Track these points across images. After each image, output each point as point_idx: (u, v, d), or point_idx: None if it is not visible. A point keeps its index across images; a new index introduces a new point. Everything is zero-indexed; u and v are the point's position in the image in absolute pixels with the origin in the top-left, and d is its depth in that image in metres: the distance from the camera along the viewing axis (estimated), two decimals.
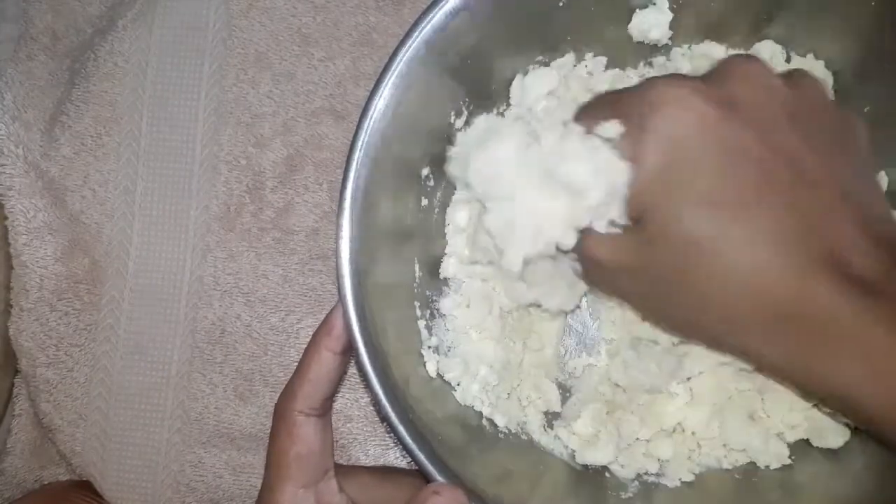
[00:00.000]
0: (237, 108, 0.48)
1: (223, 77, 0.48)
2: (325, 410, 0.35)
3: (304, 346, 0.45)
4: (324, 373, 0.34)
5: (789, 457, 0.39)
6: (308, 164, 0.47)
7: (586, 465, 0.40)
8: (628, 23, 0.39)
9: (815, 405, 0.38)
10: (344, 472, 0.36)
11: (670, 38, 0.40)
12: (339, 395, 0.46)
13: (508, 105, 0.41)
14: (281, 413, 0.35)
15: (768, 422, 0.39)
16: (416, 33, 0.35)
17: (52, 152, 0.47)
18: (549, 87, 0.39)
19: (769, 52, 0.40)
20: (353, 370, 0.46)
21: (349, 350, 0.35)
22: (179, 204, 0.48)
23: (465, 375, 0.41)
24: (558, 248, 0.31)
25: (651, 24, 0.39)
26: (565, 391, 0.42)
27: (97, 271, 0.47)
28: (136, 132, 0.48)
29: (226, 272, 0.47)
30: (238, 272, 0.47)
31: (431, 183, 0.41)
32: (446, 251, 0.42)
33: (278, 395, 0.36)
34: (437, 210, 0.42)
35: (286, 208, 0.47)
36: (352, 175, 0.34)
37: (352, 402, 0.46)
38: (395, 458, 0.46)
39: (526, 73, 0.40)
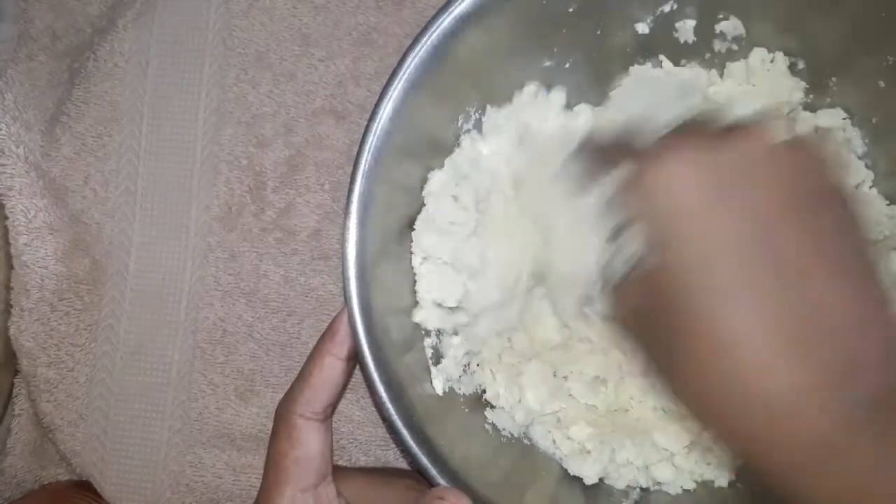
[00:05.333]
0: (238, 108, 0.48)
1: (223, 77, 0.48)
2: (326, 416, 0.35)
3: (306, 346, 0.45)
4: (327, 378, 0.35)
5: None
6: (309, 164, 0.47)
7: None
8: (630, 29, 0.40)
9: None
10: (341, 475, 0.36)
11: None
12: None
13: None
14: (282, 415, 0.35)
15: None
16: (425, 37, 0.35)
17: (52, 152, 0.47)
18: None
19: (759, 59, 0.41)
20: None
21: (354, 357, 0.35)
22: (180, 204, 0.48)
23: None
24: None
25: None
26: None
27: (98, 271, 0.47)
28: (136, 132, 0.48)
29: (227, 272, 0.47)
30: (239, 272, 0.47)
31: None
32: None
33: (279, 395, 0.36)
34: None
35: (287, 208, 0.47)
36: (359, 178, 0.34)
37: (353, 403, 0.46)
38: (396, 459, 0.46)
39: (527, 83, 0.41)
